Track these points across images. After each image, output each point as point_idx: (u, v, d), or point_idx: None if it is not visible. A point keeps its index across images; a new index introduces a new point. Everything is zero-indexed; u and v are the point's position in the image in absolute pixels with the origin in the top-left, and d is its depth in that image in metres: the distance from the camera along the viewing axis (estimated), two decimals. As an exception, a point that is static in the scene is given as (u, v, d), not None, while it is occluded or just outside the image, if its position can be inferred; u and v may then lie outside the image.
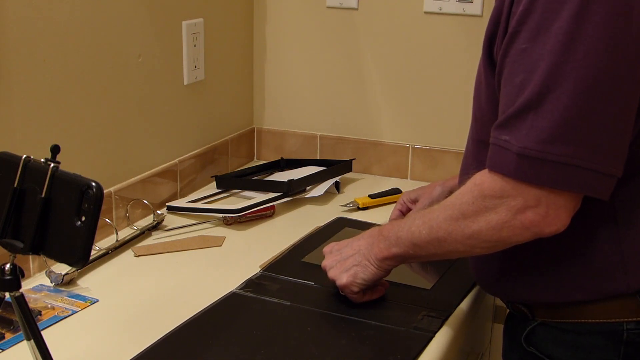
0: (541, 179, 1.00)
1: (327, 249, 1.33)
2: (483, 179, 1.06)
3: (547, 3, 1.00)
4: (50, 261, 1.35)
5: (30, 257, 1.35)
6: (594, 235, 1.10)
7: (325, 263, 1.30)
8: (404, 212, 1.54)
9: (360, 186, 1.93)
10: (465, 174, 1.18)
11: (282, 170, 2.00)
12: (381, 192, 1.82)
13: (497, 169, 1.03)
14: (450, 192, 1.39)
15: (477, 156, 1.18)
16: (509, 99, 1.03)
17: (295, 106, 2.09)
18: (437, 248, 1.13)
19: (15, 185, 0.92)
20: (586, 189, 1.01)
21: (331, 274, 1.27)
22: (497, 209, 1.04)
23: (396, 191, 1.80)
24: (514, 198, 1.02)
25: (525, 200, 1.02)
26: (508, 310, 1.33)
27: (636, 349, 1.11)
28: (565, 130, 0.99)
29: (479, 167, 1.09)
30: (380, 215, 1.68)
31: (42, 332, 0.95)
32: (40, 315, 1.24)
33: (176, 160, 1.79)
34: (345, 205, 1.76)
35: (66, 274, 1.35)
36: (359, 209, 1.75)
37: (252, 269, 1.42)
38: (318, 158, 2.08)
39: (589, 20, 0.98)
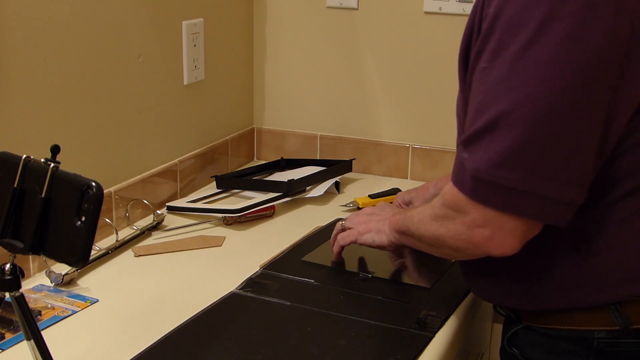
0: (491, 202, 1.00)
1: (367, 208, 1.45)
2: (447, 189, 1.08)
3: (506, 25, 0.99)
4: (50, 261, 1.35)
5: (30, 257, 1.35)
6: (565, 251, 1.10)
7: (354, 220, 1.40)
8: None
9: (360, 186, 1.93)
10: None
11: (282, 170, 2.00)
12: (381, 192, 1.81)
13: (457, 185, 1.05)
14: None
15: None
16: (470, 119, 1.04)
17: (295, 106, 2.09)
18: (420, 238, 1.19)
19: (15, 185, 0.92)
20: (537, 215, 1.01)
21: (355, 219, 1.39)
22: (454, 221, 1.07)
23: (396, 191, 1.80)
24: (466, 214, 1.04)
25: (473, 218, 1.03)
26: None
27: (605, 356, 1.12)
28: (517, 155, 0.98)
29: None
30: (380, 215, 1.68)
31: (42, 332, 0.95)
32: (40, 315, 1.24)
33: (176, 160, 1.79)
34: (345, 205, 1.76)
35: (66, 274, 1.35)
36: (358, 208, 1.75)
37: (252, 269, 1.42)
38: (318, 158, 2.08)
39: (544, 45, 0.96)
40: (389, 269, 1.44)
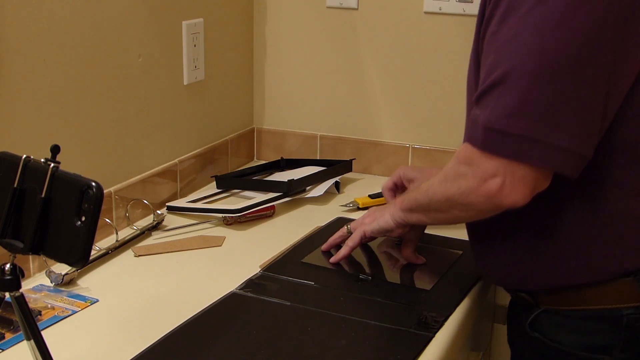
0: (503, 151, 1.06)
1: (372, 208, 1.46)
2: (461, 149, 1.13)
3: None
4: (50, 261, 1.35)
5: (30, 257, 1.35)
6: (579, 224, 1.15)
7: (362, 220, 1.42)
8: (398, 185, 1.57)
9: (360, 186, 1.93)
10: None
11: (282, 170, 2.00)
12: (381, 192, 1.81)
13: (470, 141, 1.10)
14: None
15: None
16: (482, 78, 1.10)
17: (295, 106, 2.09)
18: (429, 206, 1.23)
19: (15, 185, 0.92)
20: (546, 162, 1.06)
21: (360, 219, 1.42)
22: (466, 176, 1.11)
23: None
24: (477, 167, 1.09)
25: (485, 170, 1.08)
26: (510, 298, 1.37)
27: (636, 332, 1.16)
28: (526, 106, 1.04)
29: None
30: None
31: (42, 332, 0.95)
32: (40, 315, 1.24)
33: (176, 160, 1.79)
34: (345, 205, 1.76)
35: (66, 274, 1.35)
36: (358, 208, 1.75)
37: (252, 269, 1.42)
38: (318, 158, 2.08)
39: (552, 5, 1.03)
40: (389, 271, 1.44)
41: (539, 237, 1.18)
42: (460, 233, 1.56)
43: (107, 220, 1.51)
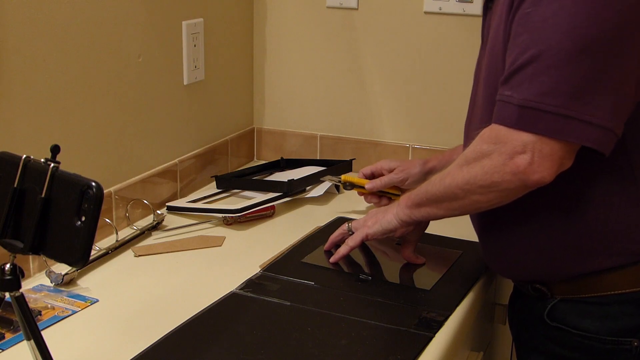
0: (537, 128, 1.08)
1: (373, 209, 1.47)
2: (485, 130, 1.15)
3: None
4: (50, 261, 1.35)
5: (30, 257, 1.35)
6: (611, 201, 1.17)
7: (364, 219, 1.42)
8: (375, 175, 1.63)
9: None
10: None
11: (282, 170, 2.00)
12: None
13: (500, 121, 1.12)
14: (429, 173, 1.54)
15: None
16: (512, 58, 1.11)
17: (295, 106, 2.09)
18: (443, 195, 1.23)
19: (15, 185, 0.92)
20: (581, 138, 1.08)
21: (362, 220, 1.42)
22: (491, 155, 1.12)
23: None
24: (504, 144, 1.10)
25: (513, 146, 1.10)
26: (512, 292, 1.39)
27: None
28: (563, 84, 1.06)
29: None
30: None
31: (42, 332, 0.95)
32: (40, 315, 1.24)
33: (176, 160, 1.79)
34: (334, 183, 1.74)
35: (66, 274, 1.35)
36: (346, 184, 1.68)
37: (252, 269, 1.42)
38: (318, 158, 2.08)
39: None
40: (389, 271, 1.44)
41: (563, 222, 1.19)
42: (460, 233, 1.57)
43: (107, 220, 1.51)
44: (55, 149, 0.91)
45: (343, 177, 1.68)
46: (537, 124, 1.08)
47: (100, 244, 1.50)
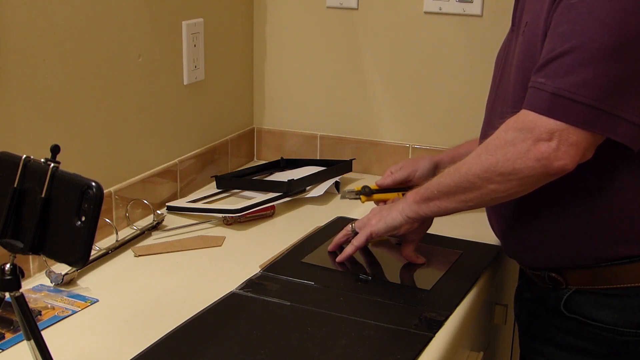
0: (567, 117, 1.08)
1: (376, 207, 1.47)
2: (512, 118, 1.15)
3: None
4: (50, 261, 1.35)
5: (30, 257, 1.35)
6: (623, 187, 1.18)
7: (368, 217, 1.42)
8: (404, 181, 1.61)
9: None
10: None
11: (282, 170, 2.00)
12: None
13: (530, 107, 1.12)
14: (438, 167, 1.54)
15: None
16: (550, 46, 1.12)
17: (295, 106, 2.09)
18: (457, 186, 1.21)
19: (15, 185, 0.92)
20: (610, 132, 1.09)
21: (365, 219, 1.41)
22: (515, 142, 1.12)
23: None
24: (530, 131, 1.11)
25: (540, 133, 1.10)
26: (517, 284, 1.40)
27: None
28: (600, 77, 1.07)
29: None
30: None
31: (42, 332, 0.95)
32: (40, 315, 1.24)
33: (176, 160, 1.79)
34: (350, 193, 1.65)
35: (66, 274, 1.35)
36: (362, 193, 1.63)
37: (252, 269, 1.42)
38: (318, 158, 2.08)
39: None
40: (389, 271, 1.44)
41: (586, 208, 1.20)
42: (460, 233, 1.57)
43: (107, 220, 1.51)
44: (55, 149, 0.91)
45: (356, 187, 1.63)
46: (568, 114, 1.09)
47: (100, 244, 1.50)
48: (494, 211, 1.34)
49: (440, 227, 1.50)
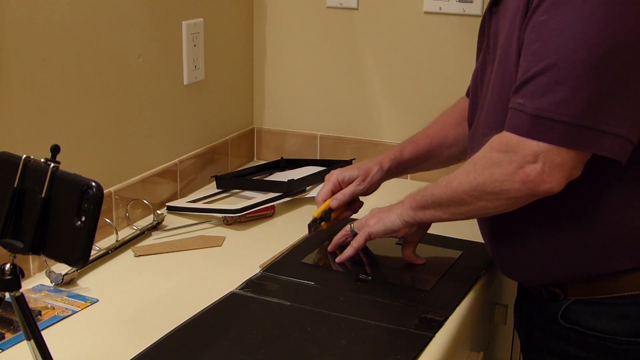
0: (550, 137, 1.07)
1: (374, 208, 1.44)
2: (495, 137, 1.14)
3: None
4: (50, 261, 1.35)
5: (30, 257, 1.35)
6: (629, 202, 1.17)
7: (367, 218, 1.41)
8: (334, 192, 1.51)
9: (360, 186, 1.93)
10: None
11: (282, 170, 2.00)
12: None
13: (511, 129, 1.10)
14: (388, 173, 1.51)
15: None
16: (525, 66, 1.10)
17: (295, 106, 2.09)
18: (449, 199, 1.22)
19: (15, 185, 0.92)
20: (595, 148, 1.07)
21: (363, 220, 1.41)
22: (500, 163, 1.11)
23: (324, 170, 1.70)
24: (515, 153, 1.10)
25: (524, 155, 1.09)
26: (517, 293, 1.39)
27: None
28: (579, 94, 1.05)
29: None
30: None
31: (42, 332, 0.95)
32: (40, 315, 1.24)
33: (176, 160, 1.79)
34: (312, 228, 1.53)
35: (66, 274, 1.35)
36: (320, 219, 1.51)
37: (252, 269, 1.42)
38: (318, 158, 2.08)
39: None
40: (389, 271, 1.44)
41: (579, 226, 1.19)
42: (460, 233, 1.57)
43: (107, 220, 1.51)
44: (55, 149, 0.91)
45: (314, 215, 1.50)
46: (550, 134, 1.07)
47: (100, 244, 1.50)
48: (484, 230, 1.33)
49: (440, 227, 1.50)
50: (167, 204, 1.73)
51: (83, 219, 0.88)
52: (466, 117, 1.41)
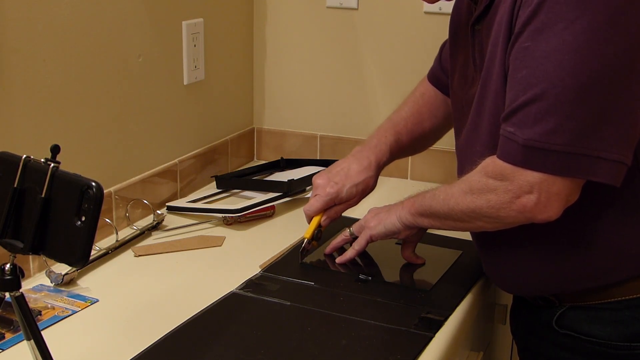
0: (545, 167, 1.06)
1: (372, 209, 1.43)
2: (489, 162, 1.13)
3: (552, 5, 1.05)
4: (50, 261, 1.35)
5: (30, 257, 1.35)
6: (614, 220, 1.16)
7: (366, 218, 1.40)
8: (326, 207, 1.46)
9: (360, 186, 1.93)
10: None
11: (282, 170, 2.00)
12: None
13: (504, 158, 1.09)
14: (367, 187, 1.46)
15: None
16: (513, 94, 1.08)
17: (295, 106, 2.09)
18: (447, 215, 1.21)
19: (15, 185, 0.92)
20: (590, 174, 1.06)
21: (363, 221, 1.40)
22: (497, 191, 1.11)
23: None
24: (510, 183, 1.09)
25: (520, 185, 1.08)
26: (513, 299, 1.40)
27: None
28: (569, 122, 1.04)
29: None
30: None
31: (42, 332, 0.95)
32: (40, 315, 1.24)
33: (176, 160, 1.79)
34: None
35: (66, 274, 1.35)
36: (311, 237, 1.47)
37: (252, 269, 1.42)
38: (318, 158, 2.08)
39: (592, 19, 1.02)
40: (389, 271, 1.44)
41: (575, 245, 1.18)
42: (460, 233, 1.56)
43: (107, 220, 1.51)
44: (55, 149, 0.91)
45: (305, 236, 1.45)
46: (544, 164, 1.06)
47: (100, 244, 1.50)
48: (478, 243, 1.33)
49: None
50: (167, 204, 1.73)
51: (83, 219, 0.88)
52: (439, 106, 1.47)
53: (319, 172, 1.51)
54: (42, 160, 0.91)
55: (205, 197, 1.80)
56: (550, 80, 1.04)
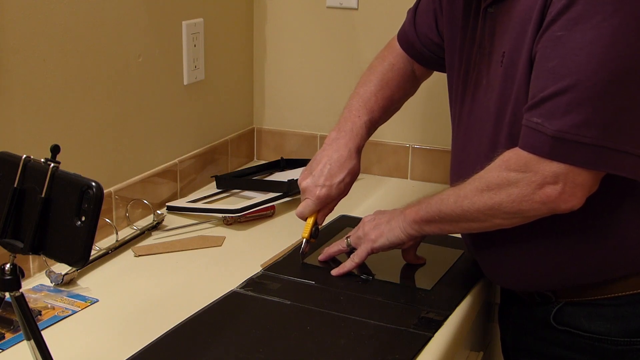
0: (573, 159, 1.05)
1: (366, 217, 1.40)
2: (510, 155, 1.11)
3: None
4: (50, 261, 1.35)
5: (30, 257, 1.35)
6: (619, 215, 1.16)
7: (364, 228, 1.37)
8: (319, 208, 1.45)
9: (361, 186, 1.93)
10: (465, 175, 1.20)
11: (282, 170, 2.00)
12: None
13: (529, 149, 1.08)
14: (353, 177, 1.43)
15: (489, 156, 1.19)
16: (542, 83, 1.07)
17: (295, 106, 2.09)
18: (460, 217, 1.19)
19: (15, 185, 0.92)
20: (617, 168, 1.07)
21: (361, 232, 1.37)
22: (518, 183, 1.10)
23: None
24: (534, 174, 1.08)
25: (544, 176, 1.07)
26: (502, 297, 1.39)
27: None
28: (601, 115, 1.04)
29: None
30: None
31: (42, 332, 0.95)
32: (40, 315, 1.24)
33: (176, 160, 1.79)
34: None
35: (66, 274, 1.35)
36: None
37: (252, 269, 1.42)
38: (318, 158, 2.07)
39: (627, 14, 1.02)
40: (390, 271, 1.43)
41: (577, 239, 1.18)
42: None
43: (107, 220, 1.51)
44: (55, 149, 0.91)
45: (303, 236, 1.46)
46: (573, 156, 1.06)
47: (100, 244, 1.50)
48: (474, 239, 1.32)
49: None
50: (167, 204, 1.73)
51: (83, 219, 0.88)
52: (408, 77, 1.47)
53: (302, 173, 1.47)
54: (42, 160, 0.91)
55: (205, 197, 1.80)
56: (583, 73, 1.04)
